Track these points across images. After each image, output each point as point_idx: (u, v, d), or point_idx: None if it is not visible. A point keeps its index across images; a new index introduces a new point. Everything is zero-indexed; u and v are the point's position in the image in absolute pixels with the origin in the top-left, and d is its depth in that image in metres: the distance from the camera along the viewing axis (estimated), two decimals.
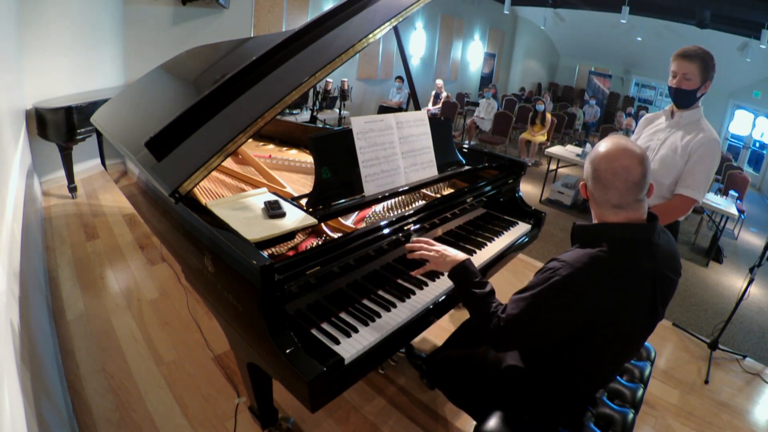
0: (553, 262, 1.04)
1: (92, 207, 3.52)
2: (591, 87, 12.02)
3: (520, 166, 2.07)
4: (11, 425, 0.89)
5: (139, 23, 4.55)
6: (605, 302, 0.97)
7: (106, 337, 2.04)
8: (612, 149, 1.02)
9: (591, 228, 1.07)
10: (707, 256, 4.32)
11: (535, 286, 1.03)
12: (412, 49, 9.17)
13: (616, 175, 1.00)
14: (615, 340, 1.04)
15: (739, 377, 2.31)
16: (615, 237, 1.01)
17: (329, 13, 1.56)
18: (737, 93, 9.95)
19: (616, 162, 1.00)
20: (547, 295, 1.00)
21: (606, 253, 0.99)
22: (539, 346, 1.11)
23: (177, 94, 2.27)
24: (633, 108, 10.40)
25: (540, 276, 1.04)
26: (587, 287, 0.97)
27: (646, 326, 1.07)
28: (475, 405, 1.31)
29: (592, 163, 1.05)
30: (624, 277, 0.98)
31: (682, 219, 1.83)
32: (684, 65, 1.67)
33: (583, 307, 0.98)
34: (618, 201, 1.02)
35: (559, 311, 1.00)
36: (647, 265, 1.00)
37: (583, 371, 1.10)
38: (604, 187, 1.03)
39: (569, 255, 1.03)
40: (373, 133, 1.55)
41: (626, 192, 1.00)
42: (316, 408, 1.02)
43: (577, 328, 1.01)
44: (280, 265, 1.05)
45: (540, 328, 1.03)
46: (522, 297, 1.05)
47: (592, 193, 1.08)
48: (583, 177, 1.12)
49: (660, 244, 1.04)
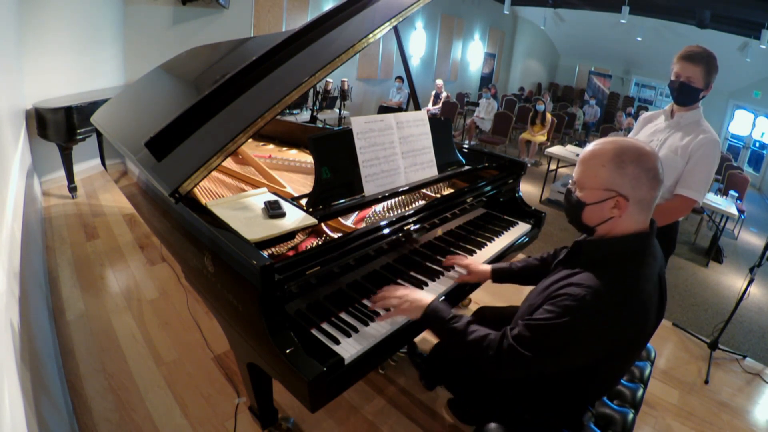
0: (570, 288, 0.94)
1: (92, 207, 3.52)
2: (591, 87, 12.02)
3: (520, 166, 2.07)
4: (11, 425, 0.89)
5: (139, 23, 4.55)
6: (633, 323, 0.93)
7: (106, 337, 2.04)
8: (639, 144, 0.96)
9: (610, 242, 1.00)
10: (707, 256, 4.32)
11: (558, 316, 0.92)
12: (412, 49, 9.17)
13: (660, 168, 0.95)
14: (632, 352, 1.03)
15: (739, 377, 2.31)
16: (629, 250, 0.97)
17: (329, 13, 1.56)
18: (737, 93, 9.94)
19: (656, 155, 0.96)
20: (573, 326, 0.91)
21: (627, 270, 0.94)
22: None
23: (177, 94, 2.27)
24: (633, 108, 10.39)
25: (558, 303, 0.93)
26: (618, 312, 0.91)
27: (656, 324, 1.06)
28: (474, 406, 1.31)
29: (640, 162, 0.93)
30: (646, 291, 0.94)
31: (681, 219, 1.83)
32: (688, 68, 1.66)
33: (612, 335, 0.92)
34: (655, 197, 0.97)
35: (585, 342, 0.92)
36: (654, 268, 0.98)
37: (592, 378, 1.07)
38: (660, 183, 0.95)
39: (586, 278, 0.94)
40: (373, 133, 1.55)
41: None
42: (316, 408, 1.02)
43: (602, 355, 0.95)
44: (280, 265, 1.05)
45: (562, 360, 0.95)
46: (540, 324, 0.94)
47: (635, 200, 0.96)
48: (608, 188, 0.96)
49: (656, 245, 1.03)
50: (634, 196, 0.95)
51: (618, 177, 0.95)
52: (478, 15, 11.40)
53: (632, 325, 0.93)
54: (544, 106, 7.13)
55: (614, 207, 0.97)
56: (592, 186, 0.99)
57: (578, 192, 1.03)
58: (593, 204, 0.99)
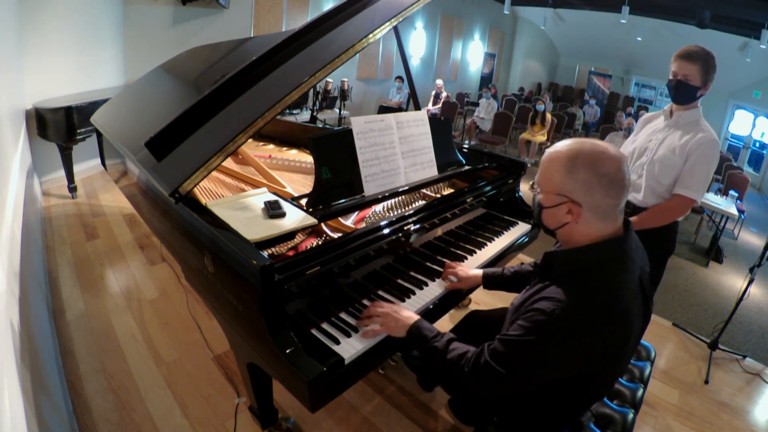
0: (541, 302, 0.91)
1: (92, 207, 3.52)
2: (591, 87, 12.03)
3: (520, 166, 2.07)
4: (11, 425, 0.89)
5: (139, 23, 4.55)
6: (610, 333, 0.89)
7: (106, 337, 2.04)
8: (598, 147, 0.91)
9: (579, 252, 0.96)
10: (707, 256, 4.32)
11: (528, 332, 0.90)
12: (412, 49, 9.17)
13: (623, 172, 0.90)
14: (620, 356, 1.00)
15: (739, 377, 2.31)
16: (603, 258, 0.93)
17: (329, 13, 1.56)
18: (737, 93, 9.95)
19: (617, 158, 0.90)
20: (544, 342, 0.88)
21: (600, 280, 0.90)
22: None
23: (177, 94, 2.27)
24: (633, 108, 10.40)
25: (529, 318, 0.91)
26: (591, 324, 0.87)
27: (643, 327, 1.04)
28: (474, 406, 1.30)
29: (592, 167, 0.89)
30: (625, 298, 0.90)
31: (681, 219, 1.83)
32: (685, 66, 1.66)
33: (589, 349, 0.88)
34: (623, 202, 0.93)
35: (559, 358, 0.89)
36: (635, 272, 0.95)
37: (585, 384, 1.04)
38: (620, 189, 0.90)
39: (556, 291, 0.91)
40: (373, 133, 1.55)
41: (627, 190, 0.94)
42: (316, 408, 1.03)
43: (582, 368, 0.92)
44: (280, 265, 1.05)
45: (536, 377, 0.93)
46: (512, 340, 0.92)
47: (589, 206, 0.92)
48: (560, 192, 0.94)
49: (632, 244, 0.98)
50: (587, 203, 0.91)
51: (569, 182, 0.92)
52: (478, 15, 11.40)
53: (610, 335, 0.89)
54: (544, 106, 7.13)
55: (568, 212, 0.94)
56: (547, 190, 0.97)
57: (539, 194, 1.01)
58: (549, 208, 0.97)
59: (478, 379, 0.96)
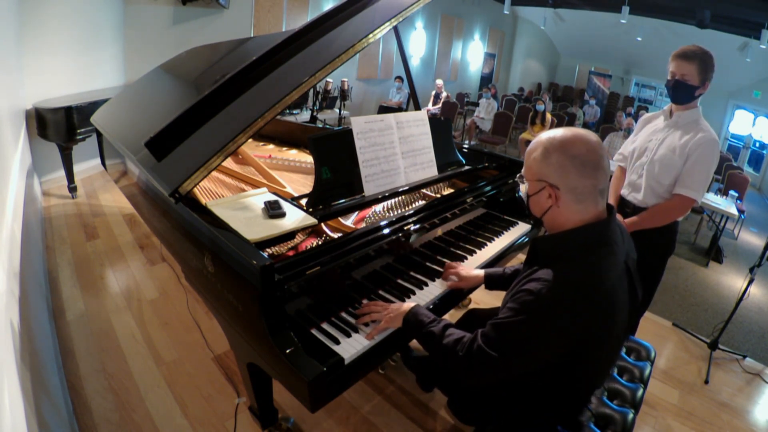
0: (530, 284, 0.94)
1: (92, 207, 3.52)
2: (591, 87, 12.03)
3: (520, 166, 2.07)
4: (11, 425, 0.89)
5: (139, 23, 4.55)
6: (596, 313, 0.91)
7: (106, 337, 2.04)
8: (571, 132, 0.96)
9: (563, 237, 0.99)
10: (707, 256, 4.32)
11: (517, 312, 0.92)
12: (412, 49, 9.17)
13: (597, 153, 0.93)
14: (609, 342, 1.01)
15: (739, 377, 2.31)
16: (587, 241, 0.95)
17: (329, 13, 1.56)
18: (737, 93, 9.95)
19: (588, 140, 0.94)
20: (532, 321, 0.91)
21: (585, 261, 0.93)
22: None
23: (177, 94, 2.27)
24: (633, 108, 10.39)
25: (518, 300, 0.93)
26: (580, 305, 0.89)
27: (632, 311, 1.05)
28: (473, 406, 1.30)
29: (563, 150, 0.94)
30: (610, 281, 0.92)
31: (681, 219, 1.83)
32: (682, 65, 1.67)
33: (576, 328, 0.90)
34: (604, 183, 0.96)
35: (547, 338, 0.91)
36: (620, 255, 0.97)
37: (580, 376, 1.05)
38: (593, 169, 0.93)
39: (544, 273, 0.93)
40: (373, 133, 1.55)
41: (607, 172, 0.97)
42: (316, 408, 1.03)
43: (571, 349, 0.93)
44: (280, 265, 1.05)
45: (527, 359, 0.95)
46: (502, 323, 0.95)
47: (567, 188, 0.95)
48: (539, 178, 0.99)
49: (616, 229, 1.01)
50: (564, 185, 0.96)
51: (544, 167, 0.98)
52: (478, 15, 11.40)
53: (596, 315, 0.91)
54: (544, 106, 7.13)
55: (549, 197, 0.98)
56: (529, 177, 1.03)
57: (524, 184, 1.07)
58: (533, 195, 1.02)
59: (471, 365, 0.98)
